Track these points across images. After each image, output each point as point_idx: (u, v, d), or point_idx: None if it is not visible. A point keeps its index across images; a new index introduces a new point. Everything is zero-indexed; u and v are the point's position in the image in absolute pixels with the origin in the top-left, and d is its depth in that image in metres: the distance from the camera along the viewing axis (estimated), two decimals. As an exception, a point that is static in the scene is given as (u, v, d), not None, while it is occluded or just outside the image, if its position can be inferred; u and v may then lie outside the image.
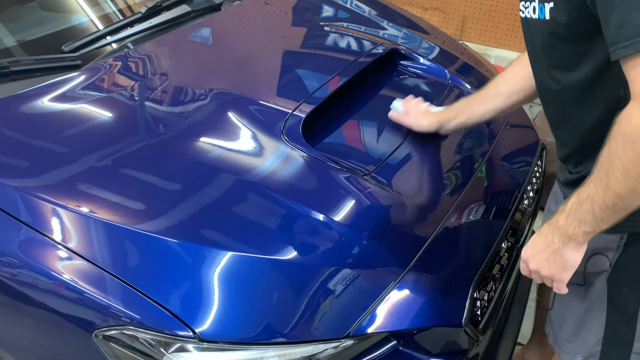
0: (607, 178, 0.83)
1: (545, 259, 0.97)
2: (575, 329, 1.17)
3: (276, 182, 1.16)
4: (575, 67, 0.94)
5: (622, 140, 0.80)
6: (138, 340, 0.95)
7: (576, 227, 0.90)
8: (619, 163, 0.81)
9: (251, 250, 1.02)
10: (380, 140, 1.39)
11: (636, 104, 0.79)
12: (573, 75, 0.95)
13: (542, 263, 0.98)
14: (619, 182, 0.81)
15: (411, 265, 1.10)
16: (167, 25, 1.65)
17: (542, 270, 0.99)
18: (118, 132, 1.24)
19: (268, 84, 1.48)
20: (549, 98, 1.07)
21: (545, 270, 0.98)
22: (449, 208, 1.25)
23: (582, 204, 0.88)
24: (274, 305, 0.99)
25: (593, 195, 0.86)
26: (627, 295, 1.06)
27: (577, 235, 0.91)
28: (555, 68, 0.99)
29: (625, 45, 0.78)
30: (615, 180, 0.82)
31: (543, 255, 0.97)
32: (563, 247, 0.94)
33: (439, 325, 1.08)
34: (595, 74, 0.92)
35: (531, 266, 1.01)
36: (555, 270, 0.97)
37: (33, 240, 1.01)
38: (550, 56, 0.99)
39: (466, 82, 1.69)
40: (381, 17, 1.96)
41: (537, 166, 1.60)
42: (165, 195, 1.10)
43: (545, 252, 0.97)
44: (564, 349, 1.23)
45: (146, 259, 1.00)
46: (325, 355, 0.98)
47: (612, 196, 0.83)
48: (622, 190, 0.82)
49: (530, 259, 1.00)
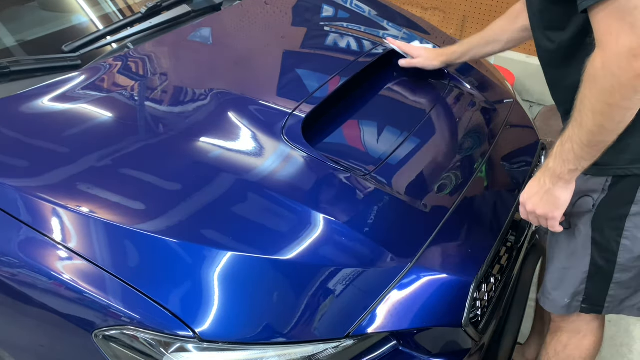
0: (580, 117, 0.95)
1: (540, 199, 1.09)
2: (561, 273, 1.25)
3: (276, 182, 1.16)
4: (564, 27, 1.05)
5: (588, 82, 0.92)
6: (138, 340, 0.95)
7: (562, 167, 1.02)
8: (587, 102, 0.93)
9: (251, 250, 1.02)
10: (380, 140, 1.39)
11: (598, 49, 0.90)
12: (564, 34, 1.06)
13: (537, 203, 1.09)
14: (589, 119, 0.93)
15: (411, 265, 1.10)
16: (167, 25, 1.65)
17: (537, 210, 1.10)
18: (118, 132, 1.24)
19: (268, 84, 1.48)
20: (547, 59, 1.17)
21: (540, 209, 1.10)
22: (449, 208, 1.25)
23: (564, 145, 1.00)
24: (274, 305, 0.99)
25: (571, 135, 0.98)
26: (609, 234, 1.15)
27: (563, 174, 1.03)
28: (549, 29, 1.10)
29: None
30: (587, 117, 0.94)
31: (537, 196, 1.09)
32: (553, 186, 1.06)
33: (439, 325, 1.08)
34: (580, 32, 1.03)
35: (528, 207, 1.12)
36: (548, 208, 1.09)
37: (33, 240, 1.01)
38: (544, 18, 1.11)
39: (466, 82, 1.69)
40: (381, 17, 1.96)
41: (537, 166, 1.60)
42: (165, 195, 1.10)
43: (539, 193, 1.08)
44: (548, 298, 1.30)
45: (146, 259, 1.00)
46: (326, 355, 0.98)
47: (586, 133, 0.95)
48: (592, 127, 0.93)
49: (526, 201, 1.12)
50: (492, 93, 1.74)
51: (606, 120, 0.92)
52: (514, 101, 1.74)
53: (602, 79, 0.89)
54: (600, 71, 0.89)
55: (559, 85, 1.17)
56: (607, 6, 0.86)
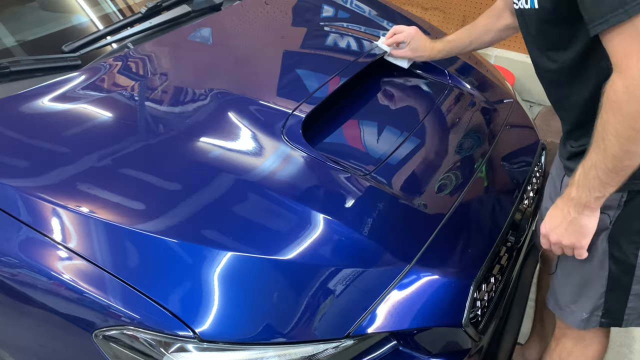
0: (604, 144, 0.92)
1: (565, 229, 1.06)
2: (579, 288, 1.22)
3: (276, 182, 1.16)
4: (567, 47, 1.04)
5: (610, 107, 0.89)
6: (138, 340, 0.95)
7: (587, 195, 0.99)
8: (610, 128, 0.90)
9: (251, 250, 1.02)
10: (380, 141, 1.39)
11: (617, 73, 0.88)
12: (566, 54, 1.04)
13: (562, 234, 1.06)
14: (613, 144, 0.91)
15: (411, 265, 1.10)
16: (167, 25, 1.65)
17: (563, 241, 1.07)
18: (118, 132, 1.24)
19: (268, 84, 1.48)
20: (548, 78, 1.16)
21: (566, 240, 1.07)
22: (449, 208, 1.25)
23: (588, 173, 0.97)
24: (274, 305, 0.99)
25: (595, 162, 0.95)
26: (627, 248, 1.13)
27: (589, 202, 1.00)
28: (550, 49, 1.08)
29: (601, 22, 0.87)
30: (611, 143, 0.91)
31: (562, 227, 1.06)
32: (579, 215, 1.03)
33: (439, 325, 1.08)
34: (585, 52, 1.01)
35: (552, 239, 1.09)
36: (575, 238, 1.06)
37: (33, 240, 1.01)
38: (544, 39, 1.09)
39: (466, 82, 1.69)
40: (381, 17, 1.96)
41: (537, 166, 1.60)
42: (165, 195, 1.10)
43: (564, 223, 1.05)
44: (567, 311, 1.27)
45: (146, 259, 1.00)
46: (325, 355, 0.98)
47: (611, 159, 0.92)
48: (618, 152, 0.91)
49: (550, 232, 1.09)
50: (492, 93, 1.74)
51: (633, 145, 0.89)
52: (514, 101, 1.74)
53: (626, 103, 0.86)
54: (623, 95, 0.86)
55: (563, 103, 1.15)
56: (623, 29, 0.85)
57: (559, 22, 1.02)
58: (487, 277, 1.24)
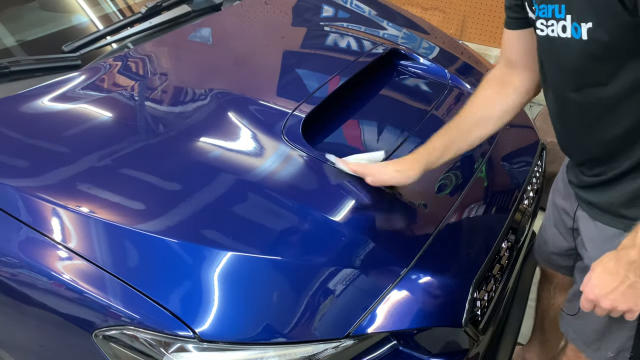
0: None
1: (622, 295, 0.96)
2: (605, 328, 1.17)
3: (276, 182, 1.16)
4: (608, 82, 0.93)
5: None
6: (138, 340, 0.95)
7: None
8: None
9: (251, 250, 1.02)
10: (380, 140, 1.39)
11: None
12: (605, 90, 0.94)
13: (618, 299, 0.97)
14: None
15: (411, 265, 1.10)
16: (167, 25, 1.65)
17: (619, 307, 0.98)
18: (118, 132, 1.24)
19: (268, 84, 1.48)
20: (570, 112, 1.05)
21: (622, 305, 0.97)
22: (449, 208, 1.25)
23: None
24: (274, 305, 0.99)
25: None
26: None
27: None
28: (586, 85, 0.97)
29: None
30: None
31: (618, 291, 0.96)
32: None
33: (439, 325, 1.08)
34: (630, 88, 0.92)
35: (605, 305, 0.99)
36: (632, 302, 0.97)
37: (33, 240, 1.01)
38: (582, 74, 0.97)
39: (466, 82, 1.69)
40: (381, 17, 1.96)
41: (537, 166, 1.60)
42: (166, 195, 1.10)
43: (620, 288, 0.96)
44: (592, 348, 1.22)
45: (146, 259, 1.00)
46: (325, 355, 0.98)
47: None
48: None
49: (602, 298, 0.98)
50: (492, 93, 1.74)
51: None
52: (514, 101, 1.74)
53: None
54: None
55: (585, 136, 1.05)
56: None
57: (611, 57, 0.90)
58: (487, 277, 1.24)
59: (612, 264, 0.96)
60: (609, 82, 0.92)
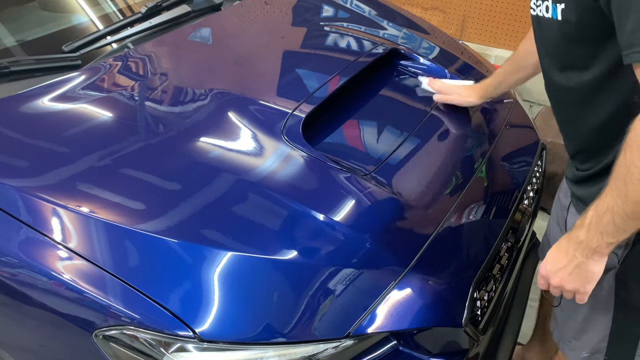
0: (626, 187, 0.83)
1: (569, 273, 0.97)
2: (582, 325, 1.18)
3: (276, 182, 1.16)
4: (586, 67, 0.95)
5: (638, 148, 0.80)
6: (138, 340, 0.95)
7: (599, 240, 0.91)
8: (636, 172, 0.80)
9: (251, 250, 1.02)
10: (380, 140, 1.39)
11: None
12: (584, 74, 0.96)
13: (566, 278, 0.98)
14: (637, 190, 0.81)
15: (411, 265, 1.10)
16: (167, 25, 1.65)
17: (566, 286, 0.99)
18: (118, 132, 1.24)
19: (268, 84, 1.48)
20: (557, 95, 1.08)
21: (569, 284, 0.99)
22: (449, 208, 1.25)
23: (602, 217, 0.88)
24: (274, 305, 0.99)
25: (612, 207, 0.86)
26: (634, 290, 1.07)
27: (600, 247, 0.92)
28: (566, 67, 1.00)
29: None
30: (634, 188, 0.81)
31: (566, 270, 0.98)
32: (587, 260, 0.94)
33: (439, 325, 1.08)
34: (606, 75, 0.93)
35: (554, 282, 1.01)
36: (579, 283, 0.98)
37: (33, 240, 1.01)
38: (562, 56, 1.00)
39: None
40: (381, 17, 1.96)
41: (537, 166, 1.60)
42: (166, 195, 1.10)
43: (568, 267, 0.97)
44: (568, 346, 1.23)
45: (146, 259, 1.00)
46: (326, 355, 0.98)
47: (632, 205, 0.83)
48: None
49: (551, 275, 1.00)
50: (492, 93, 1.74)
51: None
52: (514, 101, 1.74)
53: None
54: None
55: (572, 123, 1.09)
56: None
57: (582, 39, 0.93)
58: (487, 277, 1.24)
59: (563, 243, 0.98)
60: (587, 66, 0.95)
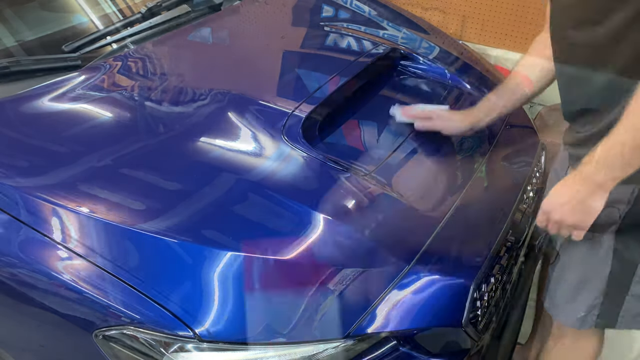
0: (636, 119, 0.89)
1: (571, 208, 1.01)
2: (577, 285, 1.20)
3: (276, 182, 1.16)
4: (601, 21, 0.97)
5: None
6: (138, 340, 0.95)
7: (605, 174, 0.95)
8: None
9: (251, 250, 1.02)
10: (380, 140, 1.39)
11: None
12: (597, 30, 0.98)
13: (567, 212, 1.02)
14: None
15: (411, 265, 1.10)
16: (167, 25, 1.65)
17: (567, 219, 1.03)
18: (118, 132, 1.24)
19: (268, 84, 1.48)
20: (568, 52, 1.09)
21: (570, 219, 1.02)
22: (449, 208, 1.25)
23: (611, 149, 0.94)
24: (274, 305, 0.99)
25: (622, 139, 0.92)
26: (633, 245, 1.10)
27: (605, 182, 0.96)
28: (581, 22, 1.02)
29: None
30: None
31: (568, 205, 1.01)
32: (591, 195, 0.98)
33: (439, 325, 1.08)
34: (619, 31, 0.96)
35: (555, 216, 1.04)
36: (580, 217, 1.02)
37: (33, 240, 1.01)
38: (578, 9, 1.02)
39: (466, 82, 1.69)
40: (381, 17, 1.96)
41: (537, 166, 1.60)
42: (166, 195, 1.10)
43: (571, 202, 1.01)
44: (562, 311, 1.26)
45: (146, 259, 1.00)
46: (325, 355, 0.98)
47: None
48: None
49: (553, 210, 1.04)
50: (492, 93, 1.74)
51: None
52: (514, 101, 1.74)
53: None
54: None
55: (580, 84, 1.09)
56: None
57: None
58: (487, 277, 1.24)
59: (569, 178, 1.02)
60: (603, 20, 0.97)
